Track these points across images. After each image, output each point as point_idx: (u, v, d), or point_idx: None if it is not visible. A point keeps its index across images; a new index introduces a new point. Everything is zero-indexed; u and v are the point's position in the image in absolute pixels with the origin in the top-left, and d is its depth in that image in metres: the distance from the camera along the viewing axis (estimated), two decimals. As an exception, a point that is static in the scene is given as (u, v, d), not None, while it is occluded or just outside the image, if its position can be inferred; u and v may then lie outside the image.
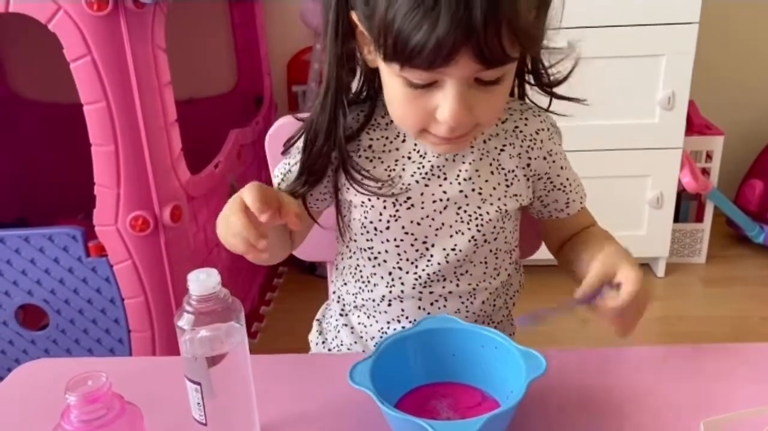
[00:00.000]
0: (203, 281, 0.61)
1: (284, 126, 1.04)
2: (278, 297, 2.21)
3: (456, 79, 0.66)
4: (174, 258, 1.49)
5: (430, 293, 0.84)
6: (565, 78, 0.81)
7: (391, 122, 0.79)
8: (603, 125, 2.01)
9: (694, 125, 2.22)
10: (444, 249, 0.82)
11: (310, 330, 1.00)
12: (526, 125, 0.84)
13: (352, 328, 0.91)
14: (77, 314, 1.53)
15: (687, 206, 2.29)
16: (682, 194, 2.22)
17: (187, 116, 1.50)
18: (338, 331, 0.93)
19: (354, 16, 0.70)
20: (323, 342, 0.96)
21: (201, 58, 2.30)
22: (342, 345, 0.92)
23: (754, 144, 2.42)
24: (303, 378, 0.77)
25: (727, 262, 2.35)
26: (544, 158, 0.84)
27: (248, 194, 0.66)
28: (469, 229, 0.82)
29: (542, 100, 0.84)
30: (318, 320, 0.99)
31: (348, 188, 0.81)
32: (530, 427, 0.67)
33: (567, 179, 0.86)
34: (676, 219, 2.25)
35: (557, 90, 0.82)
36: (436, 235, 0.82)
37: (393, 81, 0.70)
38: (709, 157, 2.23)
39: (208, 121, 2.09)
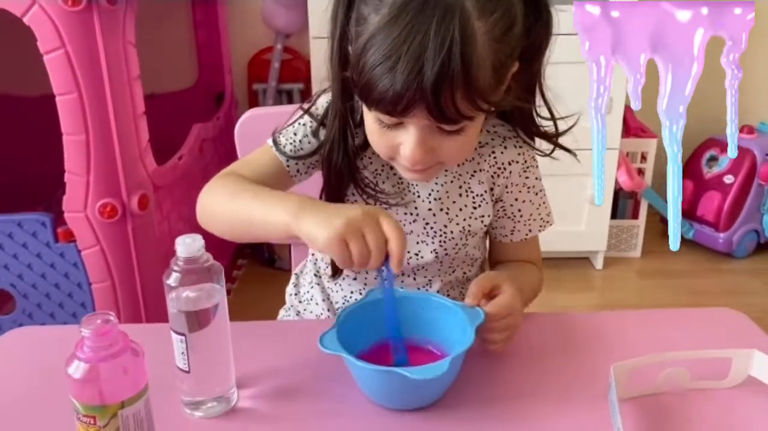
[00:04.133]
0: (189, 244, 0.70)
1: (251, 119, 1.13)
2: (237, 289, 2.25)
3: (417, 125, 0.73)
4: (140, 245, 1.55)
5: None
6: (557, 136, 0.88)
7: None
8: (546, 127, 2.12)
9: (630, 128, 2.35)
10: (408, 252, 0.89)
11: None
12: (502, 152, 0.89)
13: (323, 288, 1.00)
14: (44, 298, 1.57)
15: (624, 203, 2.41)
16: (619, 193, 2.34)
17: (148, 110, 1.55)
18: (312, 286, 1.01)
19: (349, 49, 0.76)
20: (296, 294, 1.04)
21: (162, 54, 2.33)
22: (312, 299, 1.01)
23: (685, 147, 2.51)
24: (274, 339, 0.86)
25: (660, 256, 2.49)
26: (506, 187, 0.90)
27: (398, 241, 0.69)
28: (432, 242, 0.90)
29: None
30: (296, 274, 1.07)
31: None
32: (475, 370, 0.77)
33: (519, 211, 0.92)
34: (614, 216, 2.37)
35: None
36: None
37: (367, 115, 0.78)
38: (644, 158, 2.36)
39: (169, 116, 2.12)
